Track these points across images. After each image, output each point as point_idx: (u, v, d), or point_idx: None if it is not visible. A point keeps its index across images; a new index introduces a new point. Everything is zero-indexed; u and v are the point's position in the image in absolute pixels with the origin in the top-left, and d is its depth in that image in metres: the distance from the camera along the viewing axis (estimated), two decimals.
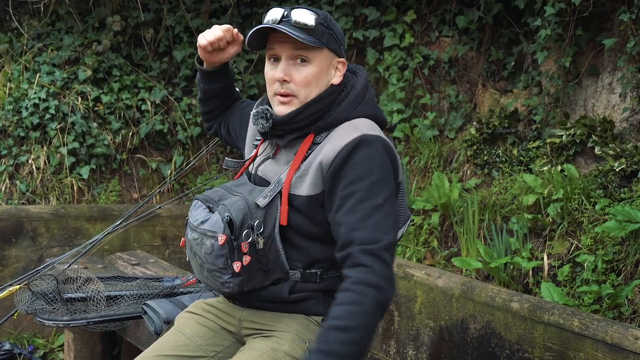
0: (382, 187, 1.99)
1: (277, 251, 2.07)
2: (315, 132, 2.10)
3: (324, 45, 2.06)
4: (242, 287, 2.08)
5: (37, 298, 2.98)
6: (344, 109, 2.10)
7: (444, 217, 4.28)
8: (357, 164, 1.99)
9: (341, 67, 2.13)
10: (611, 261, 3.33)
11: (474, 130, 4.53)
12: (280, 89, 2.07)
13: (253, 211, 2.04)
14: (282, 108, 2.08)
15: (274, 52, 2.08)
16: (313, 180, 2.04)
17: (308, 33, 2.02)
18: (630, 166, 3.57)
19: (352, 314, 1.85)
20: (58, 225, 4.71)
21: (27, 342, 4.59)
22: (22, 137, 5.28)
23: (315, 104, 2.08)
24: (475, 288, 2.91)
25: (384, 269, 1.90)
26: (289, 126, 2.09)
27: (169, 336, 2.22)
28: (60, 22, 5.77)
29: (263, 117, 2.08)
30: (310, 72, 2.06)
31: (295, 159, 2.09)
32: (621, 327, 2.38)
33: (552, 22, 4.06)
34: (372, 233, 1.93)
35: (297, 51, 2.05)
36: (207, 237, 2.04)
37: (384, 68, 5.15)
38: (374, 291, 1.87)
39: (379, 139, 2.04)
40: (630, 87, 3.80)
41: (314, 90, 2.08)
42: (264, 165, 2.18)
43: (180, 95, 5.80)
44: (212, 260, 2.04)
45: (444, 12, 5.08)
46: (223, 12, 5.90)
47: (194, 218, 2.11)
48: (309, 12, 2.05)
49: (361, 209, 1.95)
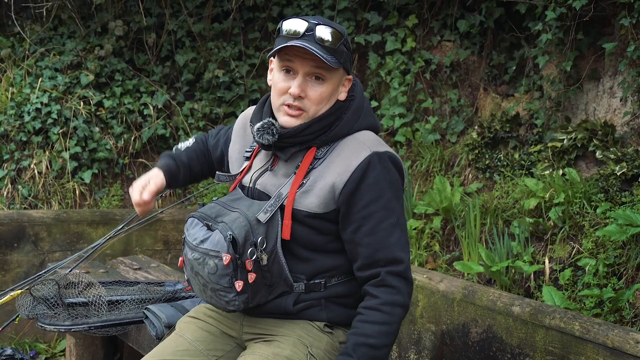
0: (395, 204, 2.06)
1: (280, 265, 2.06)
2: (318, 146, 2.10)
3: (341, 66, 2.06)
4: (247, 304, 2.07)
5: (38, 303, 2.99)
6: (345, 122, 2.11)
7: (445, 221, 4.28)
8: (372, 185, 2.03)
9: (347, 83, 2.13)
10: (612, 265, 3.32)
11: (475, 135, 4.53)
12: (292, 102, 2.05)
13: (255, 227, 2.02)
14: (289, 120, 2.07)
15: (291, 64, 2.04)
16: (323, 199, 2.05)
17: (330, 53, 2.00)
18: (631, 170, 3.57)
19: (382, 334, 2.01)
20: (60, 229, 4.72)
21: (29, 347, 4.60)
22: (24, 142, 5.29)
23: (323, 119, 2.08)
24: (476, 292, 2.91)
25: (409, 288, 2.06)
26: (294, 139, 2.08)
27: (170, 341, 2.22)
28: (63, 26, 5.79)
29: (269, 133, 2.06)
30: (325, 91, 2.05)
31: (298, 173, 2.08)
32: (622, 330, 2.38)
33: (553, 27, 4.06)
34: (396, 253, 2.03)
35: (316, 69, 2.03)
36: (210, 257, 2.01)
37: (385, 72, 5.15)
38: (401, 311, 2.04)
39: (386, 155, 2.07)
40: (631, 91, 3.80)
41: (324, 108, 2.08)
42: (263, 178, 2.16)
43: (183, 99, 5.81)
44: (217, 280, 2.01)
45: (446, 16, 5.09)
46: (225, 16, 5.92)
47: (193, 237, 2.08)
48: (334, 30, 2.02)
49: (381, 230, 2.03)
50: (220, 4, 5.87)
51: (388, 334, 2.01)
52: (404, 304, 2.04)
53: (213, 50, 5.82)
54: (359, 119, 2.13)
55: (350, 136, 2.10)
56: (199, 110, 5.73)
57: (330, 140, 2.10)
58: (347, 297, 2.15)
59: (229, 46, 5.85)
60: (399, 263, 2.03)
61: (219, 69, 5.72)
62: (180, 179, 2.40)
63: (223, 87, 5.80)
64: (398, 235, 2.04)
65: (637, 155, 3.62)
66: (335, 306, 2.14)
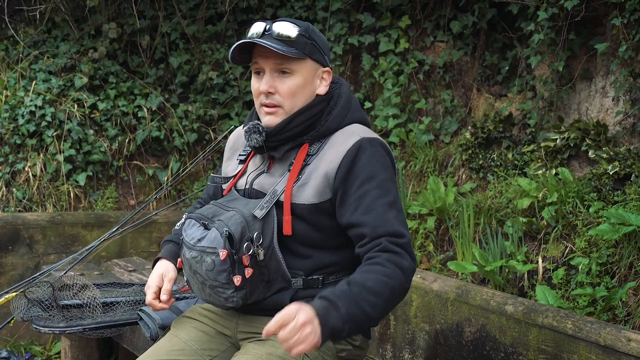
0: (390, 185, 2.06)
1: (277, 261, 2.08)
2: (310, 142, 2.14)
3: (306, 56, 2.10)
4: (245, 300, 2.08)
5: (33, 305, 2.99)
6: (335, 117, 2.15)
7: (439, 221, 4.30)
8: (365, 165, 2.04)
9: (326, 76, 2.17)
10: (605, 264, 3.34)
11: (469, 135, 4.55)
12: (266, 100, 2.11)
13: (251, 223, 2.04)
14: (269, 118, 2.12)
15: (258, 65, 2.12)
16: (318, 189, 2.07)
17: (290, 45, 2.07)
18: (624, 169, 3.59)
19: (381, 282, 1.90)
20: (54, 232, 4.72)
21: (24, 350, 4.59)
22: (18, 145, 5.28)
23: (304, 112, 2.12)
24: (470, 291, 2.93)
25: (412, 263, 1.98)
26: (282, 136, 2.12)
27: (165, 340, 2.22)
28: (56, 29, 5.78)
29: (256, 132, 2.12)
30: (294, 83, 2.10)
31: (293, 168, 2.11)
32: (614, 329, 2.40)
33: (545, 27, 4.08)
34: (394, 227, 1.99)
35: (280, 64, 2.09)
36: (207, 254, 2.03)
37: (379, 73, 5.17)
38: (402, 275, 1.94)
39: (377, 141, 2.11)
40: (623, 91, 3.82)
41: (299, 100, 2.12)
42: (259, 179, 2.19)
43: (177, 101, 5.81)
44: (214, 276, 2.03)
45: (439, 17, 5.10)
46: (219, 18, 5.92)
47: (190, 237, 2.10)
48: (291, 24, 2.09)
49: (378, 206, 2.01)
50: (214, 6, 5.88)
51: (387, 285, 1.90)
52: (407, 270, 1.94)
53: (207, 52, 5.82)
54: (348, 114, 2.17)
55: (340, 130, 2.15)
56: (193, 112, 5.73)
57: (321, 135, 2.14)
58: None
59: (222, 48, 5.85)
60: (400, 236, 1.98)
61: (212, 71, 5.72)
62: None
63: (217, 88, 5.80)
64: (395, 213, 2.02)
65: (630, 155, 3.63)
66: None
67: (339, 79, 2.24)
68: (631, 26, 3.72)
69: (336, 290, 1.86)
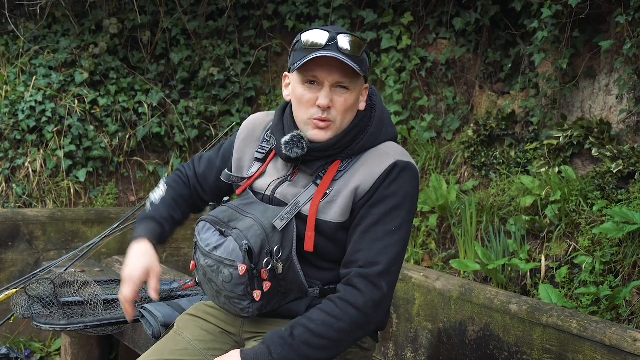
0: (400, 213, 1.99)
1: (295, 273, 2.03)
2: (342, 159, 2.06)
3: (364, 74, 2.03)
4: (261, 311, 2.05)
5: (33, 302, 2.97)
6: (370, 135, 2.07)
7: (441, 219, 4.28)
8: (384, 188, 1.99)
9: (365, 92, 2.10)
10: (609, 263, 3.33)
11: (471, 132, 4.53)
12: (321, 115, 2.00)
13: (270, 235, 1.98)
14: (319, 133, 2.02)
15: (315, 77, 2.00)
16: (344, 207, 2.01)
17: (354, 61, 1.97)
18: (628, 167, 3.57)
19: (326, 324, 1.91)
20: (55, 228, 4.70)
21: (24, 347, 4.58)
22: (18, 140, 5.27)
23: (351, 131, 2.04)
24: (473, 290, 2.91)
25: (375, 295, 1.94)
26: (325, 153, 2.05)
27: (168, 339, 2.20)
28: (57, 24, 5.76)
29: (298, 147, 2.02)
30: (349, 100, 2.01)
31: (322, 183, 2.04)
32: (620, 328, 2.38)
33: (549, 24, 4.06)
34: (373, 256, 1.95)
35: (342, 79, 1.99)
36: (225, 266, 1.97)
37: (381, 70, 5.15)
38: (356, 313, 1.92)
39: (409, 166, 2.03)
40: (627, 89, 3.80)
41: (349, 118, 2.04)
42: (282, 187, 2.10)
43: (178, 97, 5.79)
44: (231, 288, 1.99)
45: (441, 14, 5.08)
46: (220, 14, 5.90)
47: (205, 242, 2.03)
48: (356, 39, 1.99)
49: (372, 232, 1.98)
50: (215, 2, 5.85)
51: (331, 327, 1.90)
52: (362, 308, 1.91)
53: (208, 48, 5.80)
54: (383, 130, 2.10)
55: (373, 148, 2.07)
56: (194, 108, 5.71)
57: (355, 153, 2.07)
58: None
59: (223, 44, 5.83)
60: (373, 266, 1.94)
61: (214, 67, 5.70)
62: (167, 235, 2.28)
63: (218, 85, 5.78)
64: (388, 242, 1.96)
65: (633, 153, 3.62)
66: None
67: (371, 88, 2.15)
68: (635, 24, 3.70)
69: (277, 334, 1.92)
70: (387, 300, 1.98)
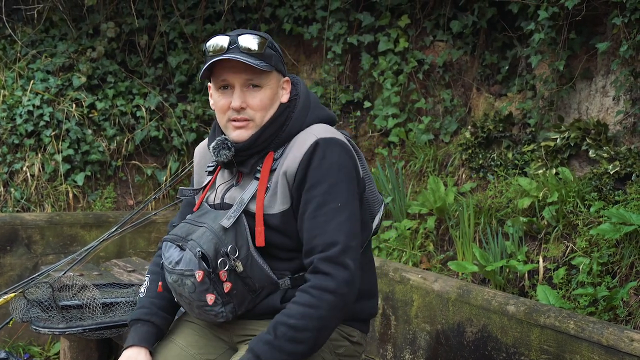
0: (341, 188, 2.02)
1: (260, 268, 2.07)
2: (274, 149, 2.12)
3: (273, 68, 2.09)
4: (235, 313, 2.08)
5: (32, 306, 2.97)
6: (295, 121, 2.13)
7: (439, 221, 4.29)
8: (315, 169, 2.02)
9: (286, 85, 2.16)
10: (606, 263, 3.33)
11: (468, 134, 4.54)
12: (237, 115, 2.07)
13: (222, 238, 2.02)
14: (239, 132, 2.09)
15: (225, 81, 2.07)
16: (282, 195, 2.05)
17: (259, 58, 2.04)
18: (624, 169, 3.58)
19: (305, 316, 1.93)
20: (53, 232, 4.70)
21: (23, 350, 4.58)
22: (16, 145, 5.27)
23: (271, 125, 2.10)
24: (471, 292, 2.92)
25: (344, 274, 1.96)
26: (251, 151, 2.10)
27: (162, 347, 2.21)
28: (54, 29, 5.77)
29: (225, 147, 2.09)
30: (264, 96, 2.08)
31: (262, 177, 2.08)
32: (617, 329, 2.39)
33: (545, 26, 4.07)
34: (330, 238, 1.97)
35: (250, 79, 2.06)
36: (186, 277, 2.02)
37: (378, 73, 5.15)
38: (331, 297, 1.94)
39: (332, 140, 2.06)
40: (623, 90, 3.81)
41: (269, 113, 2.10)
42: (230, 192, 2.16)
43: (175, 101, 5.79)
44: (197, 297, 2.03)
45: (438, 16, 5.09)
46: (217, 17, 5.91)
47: (168, 260, 2.08)
48: (256, 36, 2.06)
49: (320, 214, 1.99)
50: (213, 6, 5.86)
51: (311, 317, 1.92)
52: (335, 290, 1.93)
53: None
54: (308, 114, 2.15)
55: (302, 132, 2.12)
56: (192, 111, 5.72)
57: (283, 141, 2.12)
58: None
59: None
60: (331, 247, 1.96)
61: None
62: (164, 329, 2.27)
63: None
64: (339, 220, 1.98)
65: (630, 154, 3.63)
66: None
67: (294, 78, 2.21)
68: (632, 25, 3.71)
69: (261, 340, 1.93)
70: (356, 276, 1.98)
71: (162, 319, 2.24)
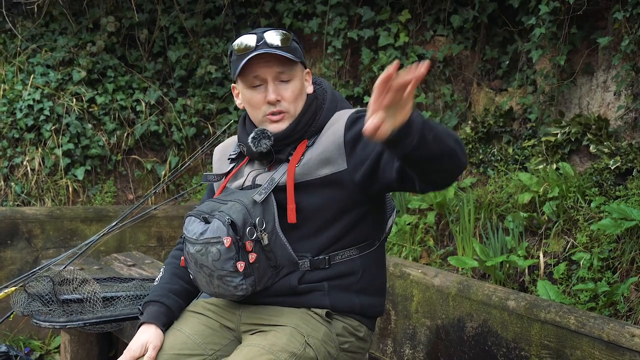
0: None
1: (282, 245, 2.11)
2: (308, 137, 2.20)
3: (299, 60, 2.17)
4: (255, 287, 2.10)
5: (33, 300, 2.97)
6: (327, 111, 2.22)
7: (439, 216, 4.29)
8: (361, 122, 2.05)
9: (308, 77, 2.25)
10: (607, 259, 3.33)
11: (469, 129, 4.53)
12: (273, 109, 2.15)
13: (251, 210, 2.07)
14: (277, 126, 2.17)
15: (258, 77, 2.14)
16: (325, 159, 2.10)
17: (287, 51, 2.12)
18: (625, 164, 3.58)
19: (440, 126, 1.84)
20: (53, 226, 4.70)
21: (23, 344, 4.58)
22: (16, 139, 5.26)
23: (306, 113, 2.19)
24: (471, 287, 2.92)
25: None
26: (289, 139, 2.17)
27: (168, 335, 2.22)
28: (54, 23, 5.76)
29: (265, 137, 2.15)
30: (295, 88, 2.16)
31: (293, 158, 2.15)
32: (618, 324, 2.39)
33: (546, 21, 4.07)
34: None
35: (281, 72, 2.13)
36: (212, 245, 2.05)
37: (378, 68, 5.15)
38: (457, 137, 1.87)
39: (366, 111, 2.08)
40: (624, 85, 3.81)
41: (300, 103, 2.19)
42: (261, 176, 2.22)
43: (175, 95, 5.79)
44: (221, 265, 2.05)
45: (439, 11, 5.08)
46: (217, 12, 5.90)
47: (192, 232, 2.11)
48: (280, 32, 2.14)
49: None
50: (212, 0, 5.85)
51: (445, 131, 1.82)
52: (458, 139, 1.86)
53: (205, 46, 5.80)
54: (337, 105, 2.25)
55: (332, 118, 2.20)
56: (192, 106, 5.71)
57: (317, 129, 2.19)
58: (350, 277, 2.18)
59: (221, 42, 5.83)
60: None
61: (211, 65, 5.70)
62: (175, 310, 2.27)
63: (216, 83, 5.78)
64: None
65: (631, 149, 3.62)
66: (337, 291, 2.17)
67: (317, 78, 2.31)
68: (633, 20, 3.70)
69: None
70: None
71: (172, 300, 2.26)
